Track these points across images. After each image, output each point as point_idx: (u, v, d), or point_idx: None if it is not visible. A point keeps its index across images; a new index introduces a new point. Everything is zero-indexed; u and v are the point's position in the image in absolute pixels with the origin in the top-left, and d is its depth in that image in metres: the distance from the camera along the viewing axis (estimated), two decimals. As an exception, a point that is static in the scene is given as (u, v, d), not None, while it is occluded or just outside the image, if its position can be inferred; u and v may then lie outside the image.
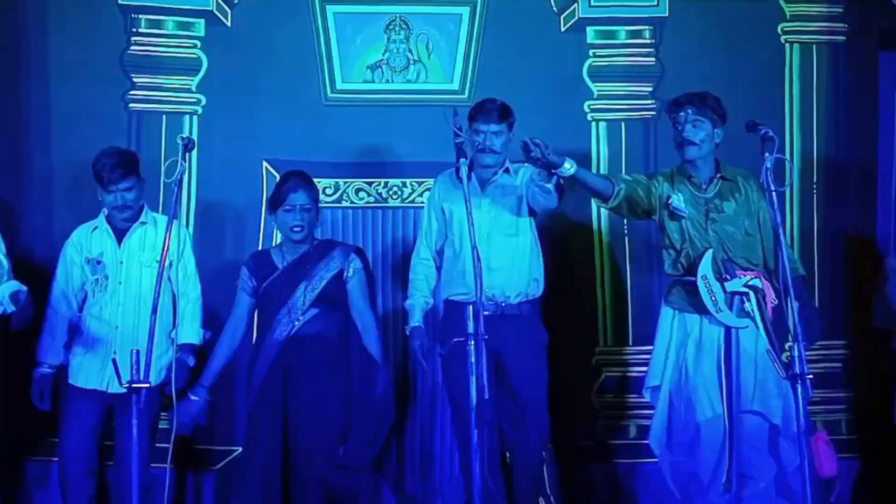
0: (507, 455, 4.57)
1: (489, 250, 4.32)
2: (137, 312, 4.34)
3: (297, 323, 4.28)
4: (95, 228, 4.45)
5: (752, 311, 4.09)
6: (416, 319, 4.44)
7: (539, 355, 4.45)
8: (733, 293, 4.08)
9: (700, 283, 4.08)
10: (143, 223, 4.45)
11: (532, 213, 4.48)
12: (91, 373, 4.33)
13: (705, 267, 4.10)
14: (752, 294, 4.09)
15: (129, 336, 4.32)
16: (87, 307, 4.42)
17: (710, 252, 4.13)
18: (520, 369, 4.34)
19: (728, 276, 4.09)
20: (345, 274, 4.37)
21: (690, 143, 4.21)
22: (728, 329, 4.09)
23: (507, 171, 4.52)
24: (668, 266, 4.29)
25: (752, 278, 4.11)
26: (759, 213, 4.24)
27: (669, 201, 4.22)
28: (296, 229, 4.34)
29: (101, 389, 4.31)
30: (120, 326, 4.34)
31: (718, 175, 4.27)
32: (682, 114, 4.23)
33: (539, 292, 4.49)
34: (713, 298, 4.08)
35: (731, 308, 4.08)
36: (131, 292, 4.36)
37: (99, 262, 4.37)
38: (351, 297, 4.39)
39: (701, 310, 4.13)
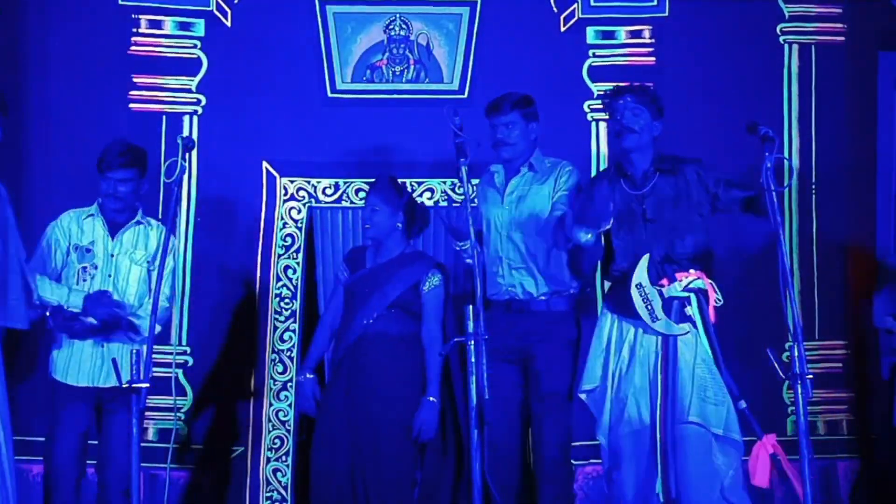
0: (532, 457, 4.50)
1: (509, 248, 4.34)
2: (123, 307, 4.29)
3: (368, 322, 4.33)
4: (90, 216, 4.34)
5: (694, 314, 3.93)
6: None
7: (564, 351, 4.33)
8: (672, 298, 3.92)
9: (634, 292, 3.92)
10: (140, 223, 4.39)
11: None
12: (82, 368, 4.24)
13: (640, 275, 3.93)
14: (693, 297, 3.94)
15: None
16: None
17: (645, 258, 3.96)
18: (543, 364, 4.28)
19: (667, 281, 3.92)
20: (421, 286, 4.37)
21: (630, 131, 4.05)
22: (665, 337, 3.94)
23: (530, 167, 4.41)
24: (606, 268, 4.18)
25: (693, 280, 3.93)
26: (702, 200, 4.04)
27: None
28: (365, 227, 4.44)
29: (94, 385, 4.24)
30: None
31: (654, 168, 4.08)
32: (620, 102, 4.10)
33: (570, 288, 4.35)
34: (649, 307, 3.91)
35: (669, 314, 3.91)
36: (118, 287, 4.28)
37: (88, 251, 4.28)
38: (424, 312, 4.38)
39: (637, 317, 3.95)
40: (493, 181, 4.45)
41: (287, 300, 5.13)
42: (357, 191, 5.14)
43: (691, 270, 3.97)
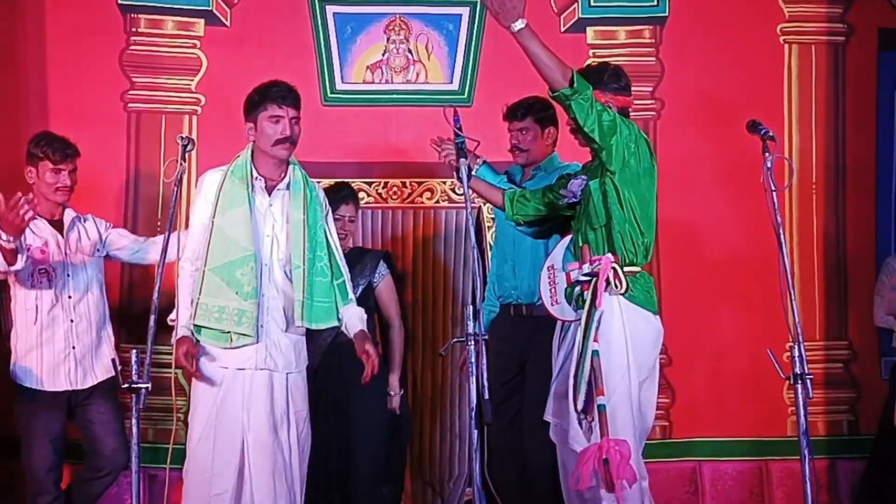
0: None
1: (514, 253, 4.35)
2: (87, 304, 4.28)
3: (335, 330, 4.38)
4: (33, 217, 4.13)
5: (587, 300, 3.67)
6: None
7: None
8: (577, 282, 3.73)
9: (544, 272, 3.87)
10: (80, 217, 4.38)
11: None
12: (57, 373, 4.22)
13: (555, 257, 3.88)
14: (592, 281, 3.66)
15: (86, 328, 4.27)
16: (23, 300, 4.21)
17: (564, 241, 3.91)
18: (538, 367, 4.27)
19: (578, 265, 3.74)
20: (373, 279, 4.55)
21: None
22: (561, 324, 3.83)
23: (541, 169, 4.42)
24: None
25: (596, 265, 3.68)
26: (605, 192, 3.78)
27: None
28: (340, 236, 4.40)
29: (70, 389, 4.24)
30: (75, 320, 4.25)
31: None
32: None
33: None
34: (552, 290, 3.83)
35: (570, 299, 3.77)
36: (80, 285, 4.27)
37: (43, 252, 4.21)
38: (380, 301, 4.57)
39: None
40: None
41: (287, 300, 5.12)
42: (357, 191, 5.12)
43: (609, 256, 3.70)
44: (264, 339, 3.73)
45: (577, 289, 3.72)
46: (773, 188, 3.63)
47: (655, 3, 5.31)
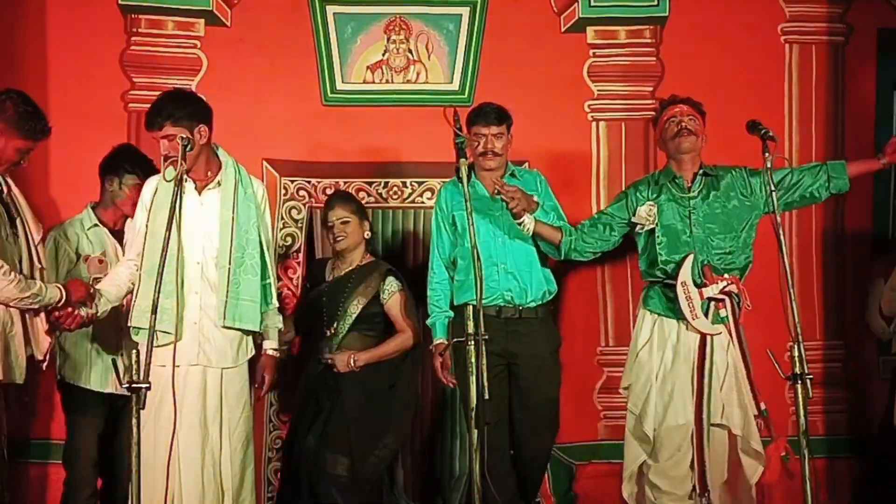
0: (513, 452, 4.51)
1: (504, 254, 4.36)
2: None
3: (336, 342, 4.50)
4: (95, 225, 4.40)
5: (727, 317, 4.10)
6: (438, 336, 4.43)
7: (553, 358, 4.44)
8: (710, 299, 4.09)
9: (679, 289, 4.09)
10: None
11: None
12: (103, 374, 4.30)
13: (685, 273, 4.10)
14: (727, 300, 4.10)
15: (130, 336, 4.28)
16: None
17: (690, 257, 4.13)
18: (533, 371, 4.33)
19: (707, 282, 4.10)
20: (381, 296, 4.56)
21: (690, 133, 4.24)
22: (703, 336, 4.10)
23: (512, 174, 4.48)
24: (646, 269, 4.29)
25: (727, 284, 4.11)
26: (744, 206, 4.25)
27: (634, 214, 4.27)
28: (338, 239, 4.60)
29: (115, 392, 4.27)
30: (124, 328, 4.25)
31: (701, 171, 4.27)
32: (677, 108, 4.30)
33: (552, 295, 4.47)
34: (690, 305, 4.08)
35: (706, 314, 4.09)
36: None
37: (101, 262, 4.33)
38: (392, 315, 4.57)
39: (679, 315, 4.13)
40: (465, 184, 4.38)
41: (287, 300, 5.12)
42: (357, 191, 5.14)
43: (725, 276, 4.12)
44: (197, 335, 3.88)
45: (711, 305, 4.08)
46: (774, 188, 3.65)
47: (655, 3, 5.31)
